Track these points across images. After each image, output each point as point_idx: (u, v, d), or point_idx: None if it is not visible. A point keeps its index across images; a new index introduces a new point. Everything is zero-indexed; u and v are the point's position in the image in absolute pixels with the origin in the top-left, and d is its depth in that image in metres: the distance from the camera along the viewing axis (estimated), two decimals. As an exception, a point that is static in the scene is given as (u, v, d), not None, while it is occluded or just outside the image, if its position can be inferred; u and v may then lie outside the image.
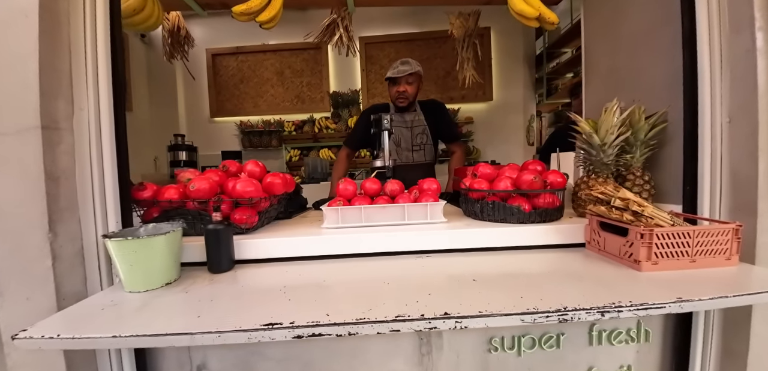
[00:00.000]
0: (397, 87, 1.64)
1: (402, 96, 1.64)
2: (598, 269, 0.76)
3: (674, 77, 1.01)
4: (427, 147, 1.73)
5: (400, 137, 1.70)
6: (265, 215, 0.98)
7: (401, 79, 1.63)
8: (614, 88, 1.25)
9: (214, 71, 3.76)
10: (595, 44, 1.35)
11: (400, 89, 1.63)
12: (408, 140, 1.69)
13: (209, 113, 3.78)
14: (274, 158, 3.74)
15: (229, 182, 0.91)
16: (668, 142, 1.03)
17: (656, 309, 0.59)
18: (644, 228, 0.72)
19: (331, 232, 0.89)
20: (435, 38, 3.53)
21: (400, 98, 1.65)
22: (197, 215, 0.90)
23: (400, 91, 1.64)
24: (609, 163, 0.97)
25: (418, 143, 1.70)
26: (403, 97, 1.65)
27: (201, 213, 0.90)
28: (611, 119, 0.97)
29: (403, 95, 1.64)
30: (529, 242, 0.89)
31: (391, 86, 1.67)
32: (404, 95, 1.64)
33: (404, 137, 1.70)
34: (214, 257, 0.80)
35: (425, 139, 1.72)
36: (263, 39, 3.61)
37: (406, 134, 1.70)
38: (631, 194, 0.77)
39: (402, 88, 1.64)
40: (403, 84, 1.63)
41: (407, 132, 1.71)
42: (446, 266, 0.79)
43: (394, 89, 1.65)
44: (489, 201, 0.96)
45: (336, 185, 1.01)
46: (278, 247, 0.85)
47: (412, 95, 1.67)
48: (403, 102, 1.66)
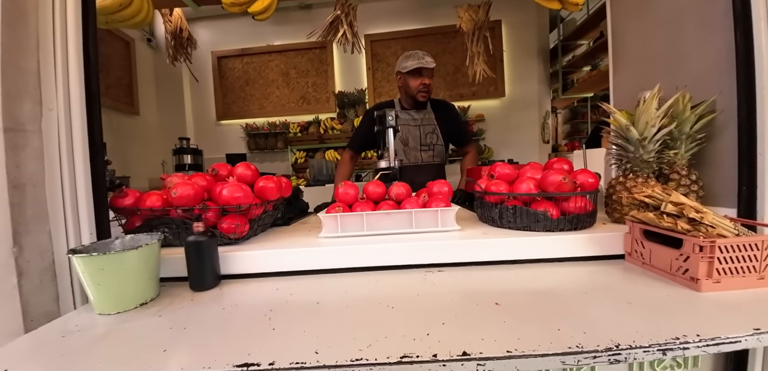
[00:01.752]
0: (422, 79, 1.54)
1: (426, 89, 1.55)
2: (646, 288, 0.63)
3: (724, 60, 0.86)
4: (438, 148, 1.62)
5: (409, 135, 1.59)
6: (258, 223, 0.89)
7: (426, 72, 1.53)
8: (650, 75, 1.11)
9: (219, 74, 3.73)
10: (625, 27, 1.21)
11: (426, 82, 1.54)
12: (417, 139, 1.58)
13: (215, 115, 3.75)
14: (281, 160, 3.68)
15: (217, 187, 0.82)
16: (718, 135, 0.88)
17: (730, 344, 0.47)
18: (705, 239, 0.59)
19: (329, 242, 0.79)
20: (443, 33, 3.41)
21: (423, 90, 1.55)
22: (181, 224, 0.81)
23: (426, 84, 1.54)
24: (650, 160, 0.84)
25: (427, 142, 1.59)
26: (427, 90, 1.56)
27: (186, 222, 0.81)
28: (651, 110, 0.83)
29: (428, 87, 1.55)
30: (558, 253, 0.77)
31: (413, 78, 1.55)
32: (428, 88, 1.56)
33: (412, 136, 1.59)
34: (195, 273, 0.70)
35: (435, 139, 1.61)
36: (268, 40, 3.56)
37: (415, 133, 1.59)
38: (684, 198, 0.64)
39: (427, 81, 1.54)
40: (427, 77, 1.55)
41: (416, 131, 1.59)
42: (462, 283, 0.68)
43: (418, 81, 1.54)
44: (509, 206, 0.84)
45: (336, 189, 0.90)
46: (269, 260, 0.75)
47: (432, 89, 1.59)
48: (425, 96, 1.57)
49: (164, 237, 0.82)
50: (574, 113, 5.17)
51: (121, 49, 3.49)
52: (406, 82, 1.56)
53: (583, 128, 5.07)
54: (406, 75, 1.55)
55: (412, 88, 1.55)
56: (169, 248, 0.81)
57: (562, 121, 4.19)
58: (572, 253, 0.77)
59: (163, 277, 0.75)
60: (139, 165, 3.44)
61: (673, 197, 0.64)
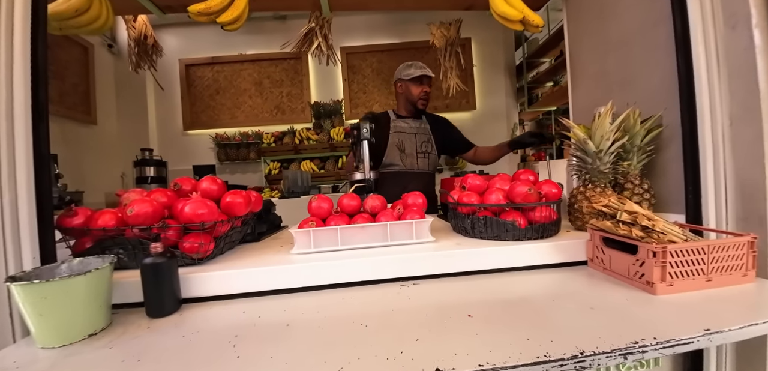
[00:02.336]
0: (423, 86, 1.63)
1: (426, 96, 1.65)
2: (608, 293, 0.66)
3: (669, 79, 0.95)
4: (432, 157, 1.69)
5: (405, 142, 1.64)
6: (225, 241, 0.84)
7: (426, 79, 1.63)
8: (604, 93, 1.20)
9: (187, 82, 3.57)
10: (581, 48, 1.31)
11: (426, 89, 1.64)
12: (413, 147, 1.65)
13: (182, 125, 3.57)
14: (253, 171, 3.56)
15: (179, 203, 0.77)
16: (665, 147, 0.97)
17: (684, 345, 0.50)
18: (657, 245, 0.64)
19: (301, 259, 0.77)
20: (417, 48, 3.50)
21: (423, 97, 1.64)
22: (138, 244, 0.75)
23: (426, 91, 1.64)
24: (606, 171, 0.90)
25: (423, 150, 1.66)
26: (426, 98, 1.65)
27: (143, 242, 0.75)
28: (606, 124, 0.90)
29: (427, 95, 1.65)
30: (527, 261, 0.79)
31: (415, 86, 1.63)
32: (427, 96, 1.65)
33: (409, 143, 1.65)
34: (152, 299, 0.65)
35: (430, 148, 1.68)
36: (240, 49, 3.47)
37: (412, 141, 1.66)
38: (637, 206, 0.68)
39: (427, 89, 1.64)
40: (428, 85, 1.64)
41: (413, 138, 1.66)
42: (436, 295, 0.68)
43: (420, 89, 1.63)
44: (480, 216, 0.87)
45: (309, 203, 0.88)
46: (236, 280, 0.71)
47: (430, 98, 1.69)
48: (424, 103, 1.65)
49: (118, 260, 0.76)
50: (539, 125, 5.46)
51: (78, 55, 3.26)
52: (408, 90, 1.64)
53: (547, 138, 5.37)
54: (409, 82, 1.63)
55: (414, 95, 1.63)
56: (124, 271, 0.74)
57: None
58: (540, 261, 0.80)
59: (117, 303, 0.69)
60: (95, 179, 3.18)
61: (628, 206, 0.69)
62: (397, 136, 1.63)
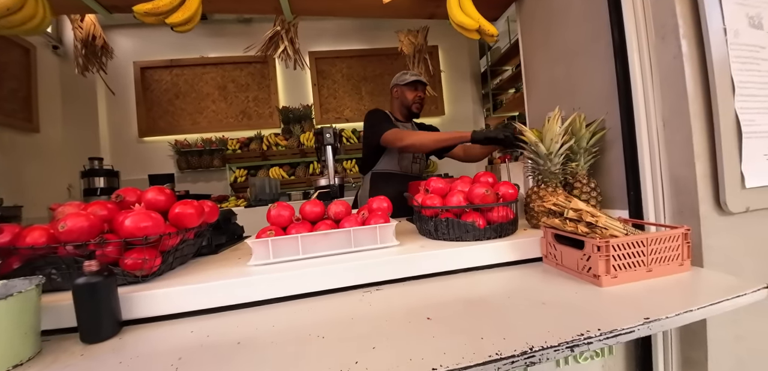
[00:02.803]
0: (417, 92, 1.67)
1: (420, 101, 1.68)
2: (559, 288, 0.70)
3: (610, 86, 1.03)
4: (422, 162, 1.75)
5: None
6: (175, 256, 0.79)
7: (420, 85, 1.67)
8: (554, 99, 1.27)
9: (143, 86, 3.35)
10: (534, 58, 1.38)
11: (421, 95, 1.67)
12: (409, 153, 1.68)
13: (138, 132, 3.34)
14: (217, 179, 3.40)
15: (121, 216, 0.71)
16: (609, 148, 1.04)
17: (625, 334, 0.53)
18: (600, 240, 0.68)
19: (259, 270, 0.73)
20: (386, 55, 3.54)
21: (417, 102, 1.68)
22: (73, 263, 0.69)
23: (420, 96, 1.67)
24: (557, 171, 0.95)
25: (417, 156, 1.71)
26: (421, 102, 1.69)
27: (78, 260, 0.68)
28: (554, 128, 0.95)
29: (421, 100, 1.68)
30: (487, 260, 0.82)
31: (410, 91, 1.67)
32: (421, 101, 1.69)
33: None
34: (87, 322, 0.59)
35: (420, 154, 1.72)
36: (201, 51, 3.32)
37: None
38: (583, 204, 0.73)
39: (421, 94, 1.68)
40: (422, 90, 1.68)
41: None
42: (398, 300, 0.68)
43: (414, 93, 1.67)
44: (443, 218, 0.88)
45: (268, 212, 0.85)
46: (184, 298, 0.66)
47: (424, 104, 1.73)
48: (419, 107, 1.69)
49: (51, 281, 0.69)
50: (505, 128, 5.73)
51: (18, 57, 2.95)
52: (403, 94, 1.68)
53: (515, 142, 5.63)
54: (404, 87, 1.67)
55: (409, 99, 1.67)
56: (58, 294, 0.67)
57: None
58: (498, 259, 0.83)
59: (49, 329, 0.62)
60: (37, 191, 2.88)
61: (573, 204, 0.73)
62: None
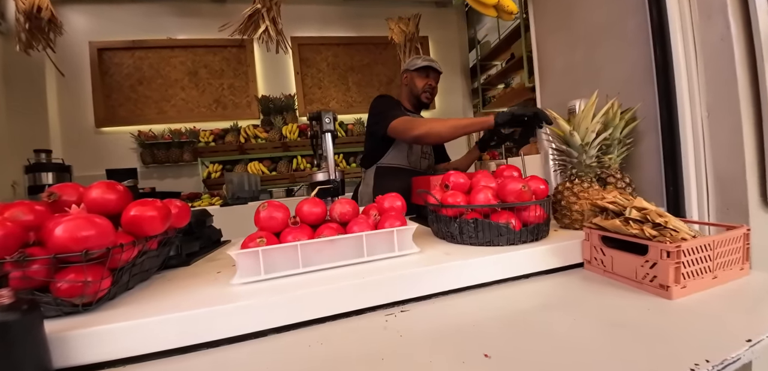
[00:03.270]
0: (428, 80, 1.45)
1: (431, 91, 1.46)
2: (619, 302, 0.58)
3: (641, 71, 0.94)
4: (431, 158, 1.56)
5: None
6: (132, 273, 0.60)
7: (432, 72, 1.45)
8: (572, 87, 1.17)
9: (101, 70, 2.97)
10: (548, 42, 1.28)
11: (431, 83, 1.45)
12: (418, 146, 1.49)
13: (94, 121, 2.96)
14: (188, 175, 3.09)
15: (53, 222, 0.51)
16: (641, 140, 0.95)
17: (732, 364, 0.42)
18: (671, 245, 0.57)
19: (246, 292, 0.56)
20: (375, 44, 3.37)
21: (427, 91, 1.46)
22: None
23: (431, 85, 1.46)
24: (593, 164, 0.84)
25: (426, 150, 1.51)
26: (431, 93, 1.47)
27: None
28: (590, 117, 0.84)
29: (432, 90, 1.46)
30: (527, 268, 0.69)
31: (420, 78, 1.45)
32: (432, 91, 1.47)
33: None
34: (-10, 380, 0.40)
35: (429, 149, 1.53)
36: (169, 32, 2.99)
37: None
38: (648, 203, 0.61)
39: (432, 83, 1.46)
40: (434, 78, 1.46)
41: None
42: (432, 324, 0.53)
43: (424, 81, 1.45)
44: (470, 219, 0.74)
45: (256, 213, 0.67)
46: (143, 336, 0.48)
47: (436, 93, 1.50)
48: (429, 97, 1.47)
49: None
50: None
51: (-54, 32, 2.51)
52: (412, 81, 1.47)
53: (498, 139, 5.66)
54: (414, 73, 1.46)
55: (418, 87, 1.46)
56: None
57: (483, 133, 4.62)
58: (538, 267, 0.70)
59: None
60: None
61: (637, 202, 0.62)
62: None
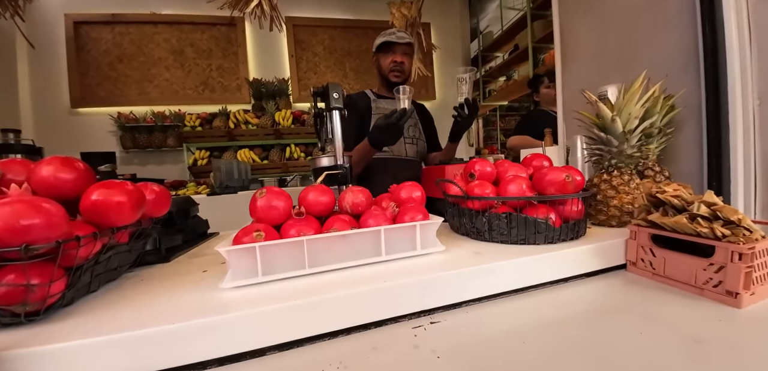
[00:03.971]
0: (393, 56, 1.30)
1: (398, 68, 1.31)
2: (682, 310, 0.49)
3: (684, 54, 0.85)
4: (420, 143, 1.41)
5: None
6: (94, 272, 0.48)
7: (398, 48, 1.30)
8: (601, 71, 1.08)
9: (77, 45, 2.74)
10: (575, 23, 1.18)
11: (397, 59, 1.30)
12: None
13: (70, 101, 2.74)
14: (173, 161, 2.91)
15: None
16: (680, 129, 0.87)
17: None
18: (744, 246, 0.48)
19: (239, 299, 0.45)
20: (374, 28, 3.22)
21: (395, 69, 1.31)
22: None
23: (397, 61, 1.30)
24: (635, 155, 0.75)
25: (411, 135, 1.38)
26: (400, 69, 1.31)
27: None
28: (634, 101, 0.75)
29: (399, 66, 1.31)
30: (570, 271, 0.60)
31: (384, 56, 1.31)
32: (401, 67, 1.31)
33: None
34: None
35: (417, 133, 1.40)
36: (152, 7, 2.77)
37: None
38: (717, 198, 0.53)
39: (399, 58, 1.30)
40: (400, 54, 1.31)
41: None
42: (470, 339, 0.43)
43: (388, 59, 1.31)
44: (502, 213, 0.64)
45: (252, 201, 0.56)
46: (102, 358, 0.36)
47: (408, 70, 1.35)
48: (398, 76, 1.32)
49: None
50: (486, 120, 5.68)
51: None
52: (378, 62, 1.35)
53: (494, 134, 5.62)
54: (377, 53, 1.33)
55: (384, 68, 1.32)
56: None
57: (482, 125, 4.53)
58: (581, 269, 0.61)
59: None
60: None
61: (706, 196, 0.53)
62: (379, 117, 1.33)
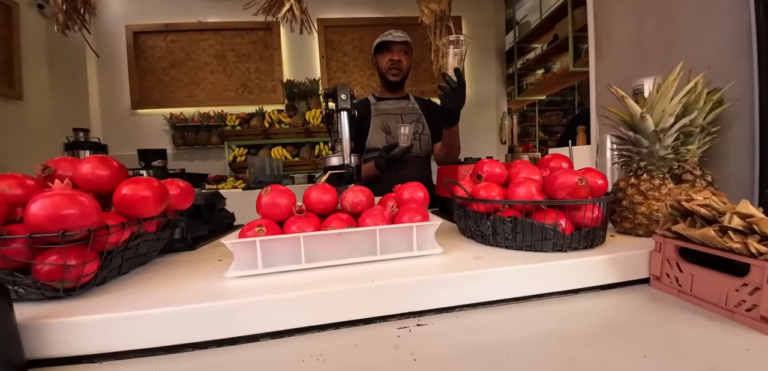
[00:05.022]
0: (390, 55, 1.34)
1: (395, 66, 1.35)
2: (703, 334, 0.44)
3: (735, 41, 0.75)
4: (424, 139, 1.41)
5: (390, 123, 1.37)
6: (124, 257, 0.54)
7: (395, 47, 1.34)
8: (638, 62, 0.98)
9: (136, 53, 3.08)
10: (610, 9, 1.09)
11: (394, 58, 1.34)
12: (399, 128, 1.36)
13: (130, 103, 3.09)
14: (216, 158, 3.15)
15: (33, 198, 0.46)
16: (729, 128, 0.77)
17: None
18: (786, 266, 0.42)
19: (241, 288, 0.49)
20: (403, 24, 3.17)
21: (393, 68, 1.35)
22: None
23: (394, 60, 1.34)
24: (669, 157, 0.68)
25: (416, 131, 1.40)
26: (397, 68, 1.35)
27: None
28: (668, 97, 0.67)
29: (397, 64, 1.35)
30: (580, 282, 0.56)
31: (381, 56, 1.36)
32: (398, 66, 1.35)
33: (394, 124, 1.37)
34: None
35: (421, 128, 1.40)
36: (199, 15, 3.02)
37: (397, 121, 1.38)
38: (756, 209, 0.46)
39: (396, 57, 1.34)
40: (397, 52, 1.34)
41: (398, 119, 1.39)
42: (453, 345, 0.43)
43: (386, 59, 1.35)
44: (507, 217, 0.62)
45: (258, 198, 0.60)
46: (120, 331, 0.42)
47: (406, 68, 1.38)
48: (396, 75, 1.36)
49: None
50: (523, 116, 5.38)
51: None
52: (377, 63, 1.40)
53: (532, 131, 5.31)
54: (376, 54, 1.38)
55: (383, 68, 1.37)
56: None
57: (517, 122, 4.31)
58: (594, 281, 0.57)
59: None
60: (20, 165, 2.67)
61: (740, 206, 0.46)
62: (380, 118, 1.37)
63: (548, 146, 4.85)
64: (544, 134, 5.19)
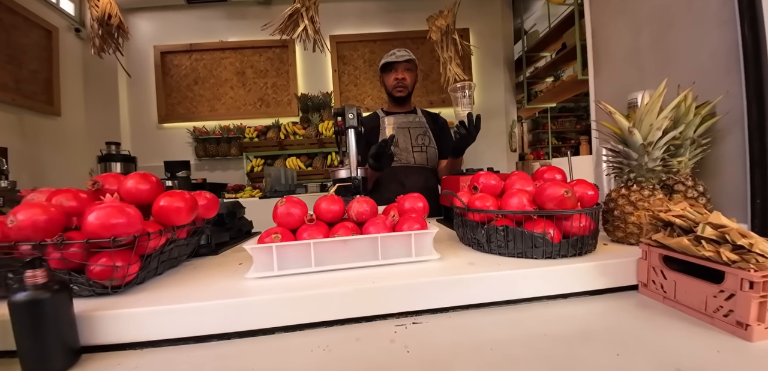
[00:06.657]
0: (395, 74, 1.45)
1: (400, 84, 1.45)
2: (681, 338, 0.47)
3: (724, 58, 0.78)
4: (430, 151, 1.48)
5: (398, 136, 1.46)
6: (160, 260, 0.63)
7: (399, 66, 1.44)
8: (635, 75, 1.02)
9: (163, 71, 3.29)
10: (606, 25, 1.12)
11: (399, 76, 1.44)
12: (407, 140, 1.46)
13: (157, 118, 3.29)
14: (235, 168, 3.31)
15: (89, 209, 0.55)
16: (720, 140, 0.79)
17: None
18: (757, 274, 0.45)
19: (259, 287, 0.56)
20: (412, 38, 3.29)
21: (398, 86, 1.45)
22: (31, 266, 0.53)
23: (398, 78, 1.44)
24: (657, 168, 0.71)
25: (419, 143, 1.47)
26: (402, 85, 1.46)
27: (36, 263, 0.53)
28: (655, 111, 0.71)
29: (401, 82, 1.45)
30: (567, 287, 0.60)
31: (387, 75, 1.47)
32: (403, 83, 1.45)
33: (402, 137, 1.46)
34: (28, 351, 0.44)
35: (427, 141, 1.48)
36: (220, 36, 3.21)
37: (405, 134, 1.47)
38: (727, 219, 0.50)
39: (400, 75, 1.44)
40: (402, 71, 1.45)
41: (405, 132, 1.47)
42: (444, 341, 0.48)
43: (391, 77, 1.46)
44: (499, 226, 0.67)
45: (275, 209, 0.67)
46: (157, 323, 0.50)
47: (411, 84, 1.48)
48: (401, 91, 1.46)
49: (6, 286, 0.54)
50: (535, 123, 5.35)
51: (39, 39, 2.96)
52: (383, 81, 1.50)
53: (544, 137, 5.26)
54: (382, 74, 1.49)
55: (388, 85, 1.47)
56: (5, 304, 0.52)
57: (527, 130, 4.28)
58: (581, 286, 0.61)
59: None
60: (58, 176, 2.90)
61: (712, 217, 0.50)
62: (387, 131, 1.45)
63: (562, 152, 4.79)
64: (557, 141, 5.14)
